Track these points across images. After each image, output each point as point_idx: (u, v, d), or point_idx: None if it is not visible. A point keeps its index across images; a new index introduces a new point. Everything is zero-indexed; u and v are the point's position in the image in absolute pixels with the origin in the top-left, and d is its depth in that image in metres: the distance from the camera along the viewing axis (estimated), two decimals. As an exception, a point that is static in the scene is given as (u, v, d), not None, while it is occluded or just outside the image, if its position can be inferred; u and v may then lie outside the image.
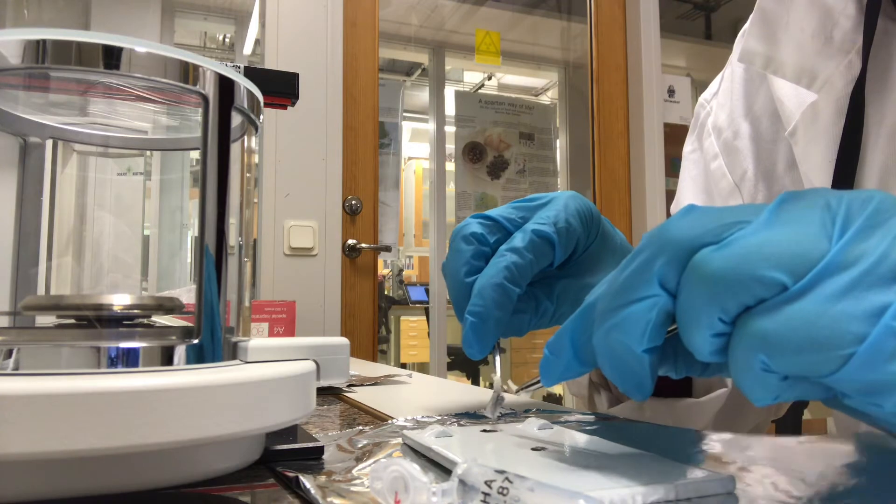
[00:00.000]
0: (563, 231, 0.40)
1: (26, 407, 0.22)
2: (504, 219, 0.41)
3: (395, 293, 4.21)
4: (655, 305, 0.24)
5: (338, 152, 1.81)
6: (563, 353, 0.28)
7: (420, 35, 2.50)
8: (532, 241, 0.39)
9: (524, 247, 0.39)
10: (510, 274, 0.38)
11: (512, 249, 0.39)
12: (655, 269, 0.24)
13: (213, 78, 0.30)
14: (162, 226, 1.30)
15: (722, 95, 0.62)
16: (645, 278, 0.24)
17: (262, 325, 0.91)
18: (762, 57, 0.53)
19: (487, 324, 0.38)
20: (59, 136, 0.40)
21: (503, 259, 0.39)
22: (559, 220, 0.40)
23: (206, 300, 0.29)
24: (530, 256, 0.39)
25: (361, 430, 0.38)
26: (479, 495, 0.20)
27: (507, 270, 0.38)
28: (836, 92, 0.48)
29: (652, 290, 0.24)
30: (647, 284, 0.24)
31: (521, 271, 0.39)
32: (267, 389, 0.27)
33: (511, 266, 0.38)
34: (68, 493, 0.24)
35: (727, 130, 0.60)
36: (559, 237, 0.40)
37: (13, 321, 0.37)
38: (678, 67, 2.82)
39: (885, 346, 0.19)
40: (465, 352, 0.39)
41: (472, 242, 0.41)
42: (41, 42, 0.27)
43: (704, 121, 0.64)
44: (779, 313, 0.21)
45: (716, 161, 0.61)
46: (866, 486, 0.27)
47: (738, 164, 0.59)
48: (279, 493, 0.27)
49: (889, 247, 0.20)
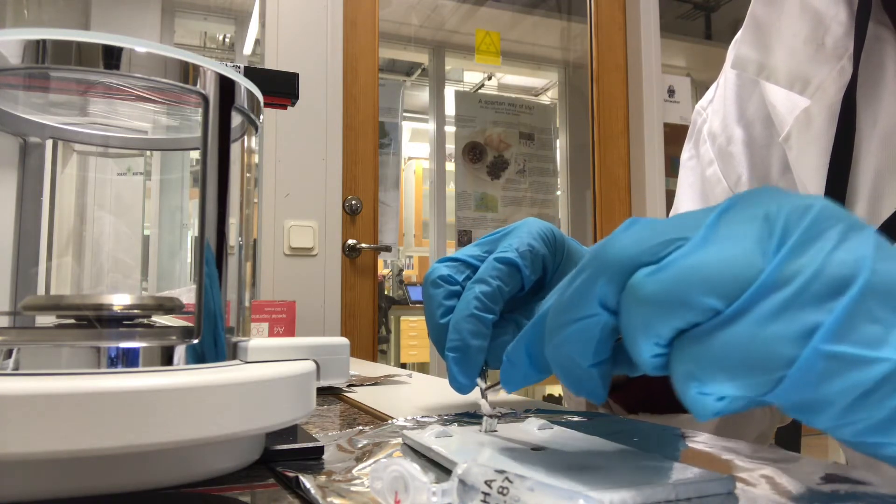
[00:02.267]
0: (525, 254, 0.41)
1: (26, 407, 0.22)
2: (470, 257, 0.43)
3: (395, 293, 4.21)
4: (598, 324, 0.24)
5: (338, 152, 1.81)
6: (520, 362, 0.29)
7: (420, 35, 2.50)
8: (496, 268, 0.41)
9: (489, 275, 0.40)
10: (480, 303, 0.40)
11: (478, 280, 0.41)
12: (596, 289, 0.24)
13: (213, 78, 0.30)
14: (162, 226, 1.30)
15: (717, 102, 0.63)
16: (587, 297, 0.24)
17: (262, 325, 0.91)
18: (755, 64, 0.53)
19: (468, 355, 0.39)
20: (59, 136, 0.40)
21: (471, 291, 0.40)
22: (521, 244, 0.42)
23: (206, 300, 0.29)
24: (497, 283, 0.40)
25: (361, 430, 0.38)
26: (479, 495, 0.20)
27: (476, 300, 0.40)
28: (829, 97, 0.48)
29: (593, 309, 0.24)
30: (589, 304, 0.24)
31: (491, 298, 0.40)
32: (267, 389, 0.27)
33: (479, 295, 0.40)
34: (68, 493, 0.24)
35: (721, 136, 0.61)
36: (523, 260, 0.41)
37: (13, 321, 0.37)
38: (678, 67, 2.82)
39: (813, 368, 0.20)
40: (453, 387, 0.40)
41: (440, 285, 0.42)
42: (41, 42, 0.27)
43: (701, 128, 0.64)
44: (711, 338, 0.21)
45: (711, 167, 0.61)
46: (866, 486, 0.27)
47: (732, 169, 0.59)
48: (279, 493, 0.27)
49: (823, 262, 0.20)
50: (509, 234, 0.43)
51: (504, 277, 0.41)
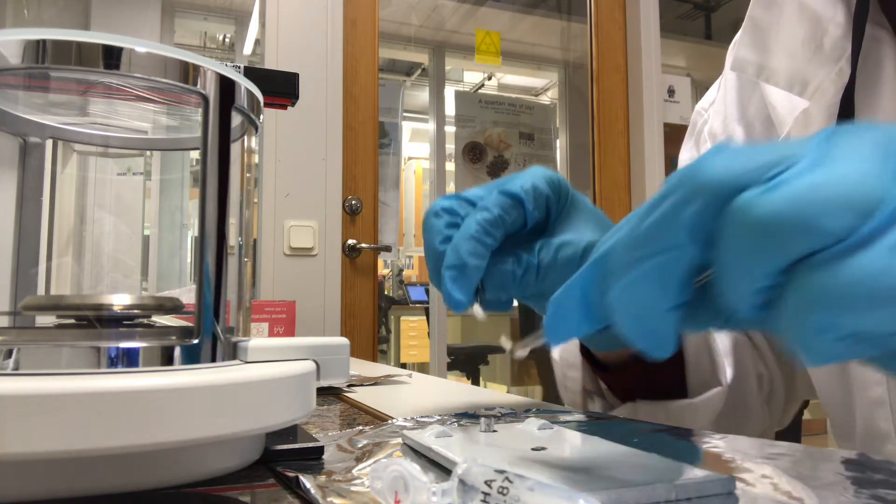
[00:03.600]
0: (530, 192, 0.41)
1: (26, 407, 0.22)
2: (472, 196, 0.42)
3: (395, 293, 4.21)
4: (684, 257, 0.21)
5: (338, 152, 1.81)
6: (572, 309, 0.26)
7: (420, 35, 2.50)
8: (499, 200, 0.40)
9: (492, 204, 0.40)
10: (481, 227, 0.39)
11: (481, 208, 0.40)
12: (686, 215, 0.21)
13: (213, 78, 0.30)
14: (162, 226, 1.30)
15: (718, 103, 0.63)
16: (673, 226, 0.21)
17: (262, 325, 0.91)
18: (754, 65, 0.54)
19: (465, 272, 0.38)
20: (59, 136, 0.40)
21: (472, 217, 0.39)
22: (525, 183, 0.41)
23: (206, 300, 0.29)
24: (498, 212, 0.39)
25: (361, 430, 0.38)
26: (479, 495, 0.20)
27: (477, 224, 0.39)
28: (828, 99, 0.48)
29: (679, 238, 0.21)
30: (676, 233, 0.21)
31: (492, 224, 0.39)
32: (267, 389, 0.27)
33: (481, 221, 0.39)
34: (68, 493, 0.24)
35: (721, 135, 0.61)
36: (526, 196, 0.40)
37: (13, 321, 0.37)
38: (678, 67, 2.82)
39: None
40: (448, 305, 0.39)
41: (442, 216, 0.41)
42: (41, 42, 0.27)
43: (701, 128, 0.65)
44: (838, 267, 0.18)
45: None
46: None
47: None
48: (279, 493, 0.27)
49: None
50: (514, 176, 0.42)
51: (507, 208, 0.40)
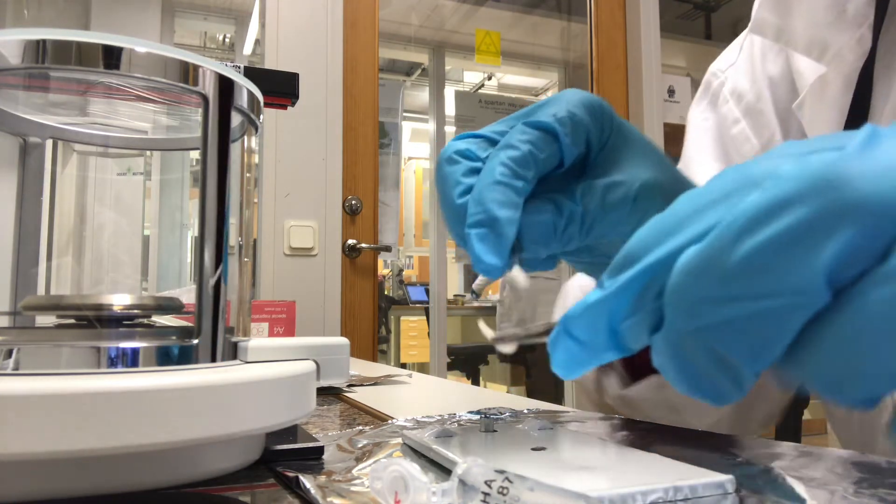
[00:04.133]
0: (565, 121, 0.33)
1: (26, 407, 0.22)
2: (494, 133, 0.35)
3: (395, 293, 4.21)
4: (806, 310, 0.15)
5: (338, 152, 1.81)
6: (593, 339, 0.19)
7: (420, 35, 2.50)
8: (528, 134, 0.33)
9: (519, 139, 0.32)
10: (508, 169, 0.31)
11: (505, 146, 0.32)
12: (827, 251, 0.14)
13: (213, 78, 0.30)
14: (162, 226, 1.30)
15: (742, 62, 0.61)
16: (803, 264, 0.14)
17: (262, 325, 0.91)
18: (774, 27, 0.52)
19: (496, 227, 0.31)
20: (59, 136, 0.40)
21: (496, 158, 0.32)
22: (559, 111, 0.33)
23: (205, 300, 0.29)
24: (528, 147, 0.32)
25: (361, 430, 0.38)
26: (479, 495, 0.20)
27: (502, 166, 0.32)
28: (846, 66, 0.47)
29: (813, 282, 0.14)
30: (806, 276, 0.14)
31: (521, 163, 0.32)
32: (267, 389, 0.27)
33: (507, 161, 0.32)
34: (68, 493, 0.24)
35: (749, 94, 0.59)
36: (562, 127, 0.33)
37: (13, 321, 0.37)
38: (678, 67, 2.82)
39: None
40: (478, 270, 0.32)
41: (457, 161, 0.34)
42: (41, 42, 0.27)
43: (718, 90, 0.63)
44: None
45: (737, 125, 0.59)
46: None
47: (763, 126, 0.57)
48: (279, 493, 0.27)
49: None
50: (544, 103, 0.35)
51: (537, 143, 0.32)
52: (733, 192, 0.16)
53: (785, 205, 0.14)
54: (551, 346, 0.19)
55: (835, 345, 0.14)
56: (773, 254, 0.14)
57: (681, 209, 0.16)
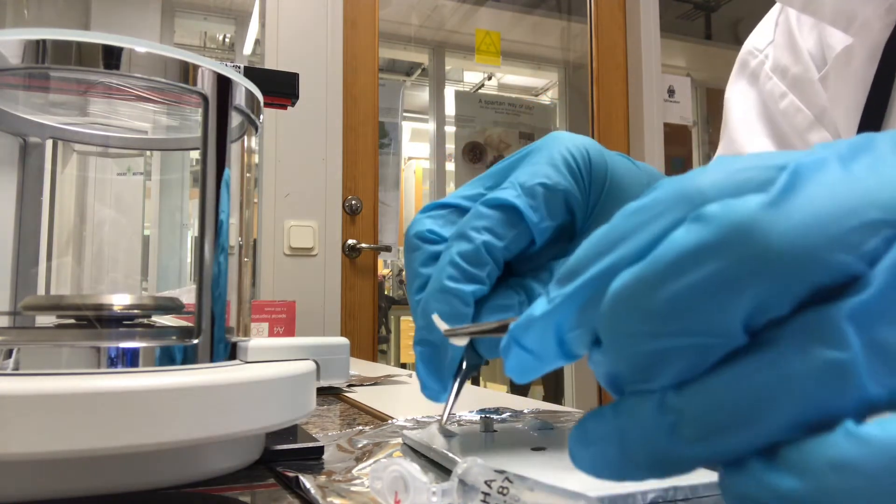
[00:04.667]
0: (535, 192, 0.29)
1: (26, 407, 0.22)
2: (463, 199, 0.31)
3: (395, 293, 4.21)
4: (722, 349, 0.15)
5: (338, 152, 1.81)
6: (545, 348, 0.19)
7: (420, 35, 2.50)
8: (484, 218, 0.29)
9: (472, 227, 0.29)
10: (457, 270, 0.28)
11: (458, 236, 0.29)
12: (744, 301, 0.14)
13: (212, 78, 0.30)
14: (162, 226, 1.30)
15: (781, 38, 0.60)
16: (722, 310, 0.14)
17: (262, 325, 0.91)
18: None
19: (437, 348, 0.29)
20: (59, 136, 0.40)
21: (447, 253, 0.29)
22: (533, 177, 0.29)
23: (205, 300, 0.29)
24: (484, 237, 0.28)
25: (361, 430, 0.38)
26: (479, 495, 0.20)
27: (452, 267, 0.28)
28: (873, 36, 0.46)
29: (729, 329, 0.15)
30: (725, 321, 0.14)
31: (473, 260, 0.28)
32: (267, 389, 0.27)
33: (457, 260, 0.28)
34: (68, 493, 0.24)
35: (795, 66, 0.58)
36: (531, 199, 0.29)
37: (13, 321, 0.37)
38: (678, 67, 2.82)
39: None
40: (423, 393, 0.30)
41: (417, 247, 0.31)
42: (41, 42, 0.27)
43: (758, 68, 0.61)
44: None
45: (785, 99, 0.58)
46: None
47: (815, 95, 0.56)
48: (279, 493, 0.27)
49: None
50: (523, 159, 0.31)
51: (497, 228, 0.29)
52: (668, 210, 0.16)
53: (706, 252, 0.14)
54: (503, 353, 0.19)
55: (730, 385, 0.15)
56: (694, 298, 0.15)
57: (621, 225, 0.17)
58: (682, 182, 0.16)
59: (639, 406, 0.16)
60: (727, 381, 0.15)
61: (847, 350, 0.13)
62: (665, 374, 0.15)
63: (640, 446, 0.16)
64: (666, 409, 0.15)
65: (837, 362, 0.13)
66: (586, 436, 0.17)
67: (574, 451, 0.17)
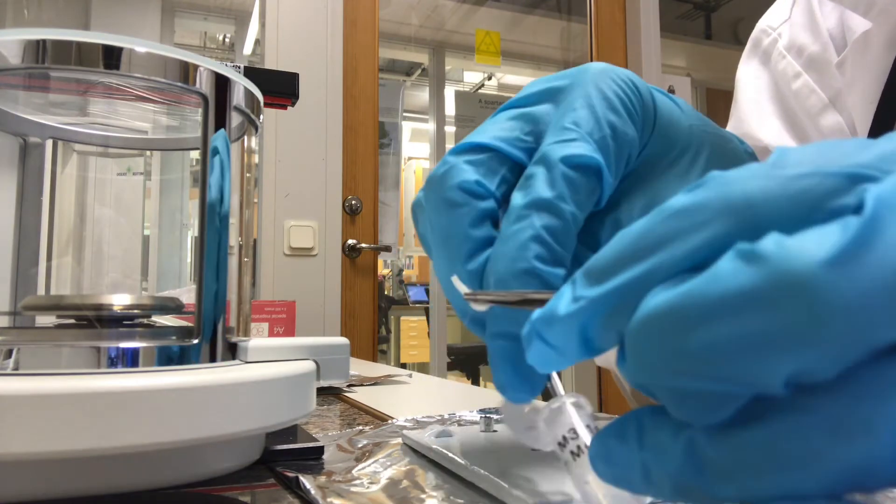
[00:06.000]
0: (609, 147, 0.25)
1: (26, 407, 0.22)
2: (505, 143, 0.26)
3: (395, 293, 4.21)
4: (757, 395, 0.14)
5: (338, 152, 1.81)
6: (569, 345, 0.17)
7: (420, 35, 2.50)
8: (568, 180, 0.24)
9: (557, 195, 0.24)
10: (544, 249, 0.23)
11: (537, 204, 0.24)
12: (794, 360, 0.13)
13: (212, 78, 0.30)
14: (162, 226, 1.30)
15: (799, 16, 0.59)
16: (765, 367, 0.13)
17: (262, 325, 0.91)
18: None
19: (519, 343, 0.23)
20: (59, 136, 0.40)
21: (526, 224, 0.23)
22: (599, 125, 0.25)
23: (205, 300, 0.29)
24: (570, 208, 0.24)
25: (361, 430, 0.38)
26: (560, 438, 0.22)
27: (537, 244, 0.23)
28: (892, 22, 0.44)
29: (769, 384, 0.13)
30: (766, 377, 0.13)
31: (561, 238, 0.24)
32: (267, 389, 0.27)
33: (542, 236, 0.23)
34: (68, 493, 0.24)
35: (813, 46, 0.56)
36: (606, 157, 0.25)
37: (13, 321, 0.37)
38: (678, 67, 2.82)
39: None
40: (501, 393, 0.24)
41: (463, 202, 0.25)
42: (41, 42, 0.27)
43: (770, 47, 0.60)
44: None
45: (799, 80, 0.56)
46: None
47: (831, 77, 0.55)
48: (279, 493, 0.27)
49: None
50: (564, 95, 0.26)
51: (579, 194, 0.24)
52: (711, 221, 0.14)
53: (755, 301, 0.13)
54: (525, 342, 0.18)
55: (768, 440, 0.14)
56: (734, 349, 0.13)
57: (659, 227, 0.15)
58: (730, 186, 0.15)
59: (666, 443, 0.15)
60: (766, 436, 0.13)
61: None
62: (693, 411, 0.14)
63: (665, 479, 0.15)
64: (695, 452, 0.14)
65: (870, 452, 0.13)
66: (610, 458, 0.16)
67: (596, 465, 0.17)
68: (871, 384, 0.13)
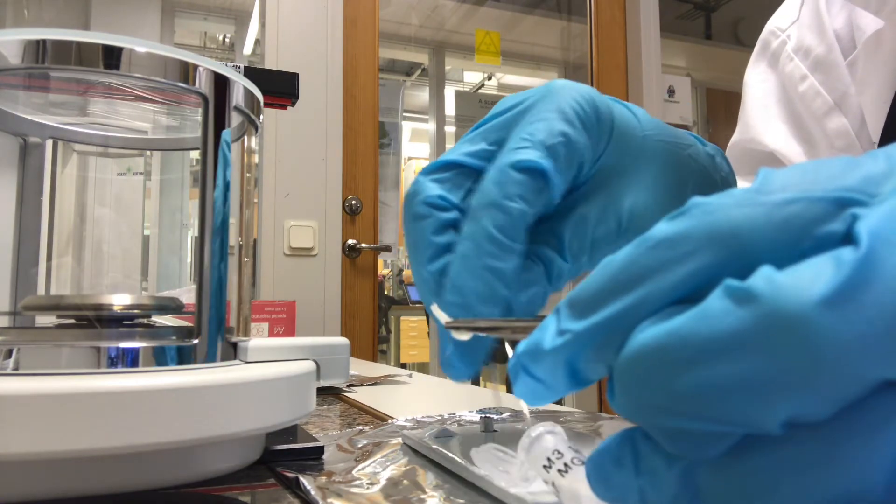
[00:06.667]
0: (559, 153, 0.27)
1: (26, 407, 0.22)
2: (469, 157, 0.28)
3: (395, 293, 4.21)
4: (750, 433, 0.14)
5: (338, 152, 1.81)
6: (556, 379, 0.17)
7: (420, 35, 2.50)
8: (515, 181, 0.26)
9: (505, 195, 0.26)
10: (494, 245, 0.26)
11: (488, 205, 0.26)
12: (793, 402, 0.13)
13: (212, 78, 0.30)
14: (162, 226, 1.30)
15: (807, 17, 0.58)
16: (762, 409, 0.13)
17: (262, 325, 0.91)
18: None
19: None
20: (59, 136, 0.40)
21: (478, 224, 0.26)
22: (551, 134, 0.27)
23: (205, 300, 0.29)
24: (518, 206, 0.26)
25: (361, 430, 0.38)
26: (544, 460, 0.22)
27: (488, 241, 0.26)
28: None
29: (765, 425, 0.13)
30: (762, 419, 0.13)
31: (510, 234, 0.26)
32: (267, 389, 0.27)
33: (492, 234, 0.26)
34: (68, 493, 0.24)
35: (819, 47, 0.55)
36: (555, 162, 0.27)
37: (13, 321, 0.37)
38: (678, 67, 2.82)
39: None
40: (446, 372, 0.27)
41: (427, 214, 0.27)
42: (41, 42, 0.27)
43: (780, 49, 0.59)
44: None
45: (805, 82, 0.56)
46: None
47: (836, 80, 0.54)
48: (279, 493, 0.27)
49: None
50: (527, 111, 0.28)
51: (528, 195, 0.26)
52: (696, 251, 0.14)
53: (747, 343, 0.12)
54: (511, 376, 0.18)
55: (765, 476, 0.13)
56: (725, 391, 0.13)
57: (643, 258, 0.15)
58: (713, 215, 0.14)
59: (661, 472, 0.15)
60: (760, 468, 0.13)
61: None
62: (686, 448, 0.14)
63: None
64: (690, 481, 0.14)
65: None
66: (607, 482, 0.16)
67: (594, 486, 0.17)
68: (864, 418, 0.12)
